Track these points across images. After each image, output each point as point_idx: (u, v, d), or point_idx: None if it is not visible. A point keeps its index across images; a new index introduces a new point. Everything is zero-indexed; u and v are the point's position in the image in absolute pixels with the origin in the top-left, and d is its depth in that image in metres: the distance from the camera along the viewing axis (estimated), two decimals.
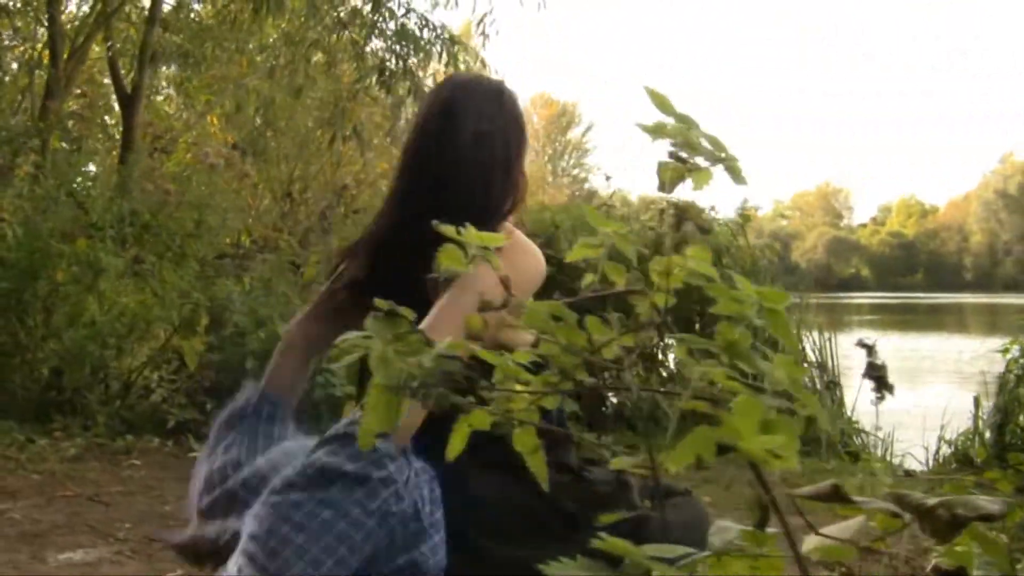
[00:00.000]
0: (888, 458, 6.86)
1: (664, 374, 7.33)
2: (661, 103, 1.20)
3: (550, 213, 7.79)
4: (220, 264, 7.40)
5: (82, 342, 6.20)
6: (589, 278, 1.47)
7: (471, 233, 1.40)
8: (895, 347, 17.35)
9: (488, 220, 2.52)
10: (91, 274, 6.37)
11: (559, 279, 6.85)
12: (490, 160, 2.61)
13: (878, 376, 1.25)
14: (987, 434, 6.60)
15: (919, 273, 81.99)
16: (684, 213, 1.31)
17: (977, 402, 6.66)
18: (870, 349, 1.27)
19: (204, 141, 12.51)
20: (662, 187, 1.26)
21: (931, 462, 6.63)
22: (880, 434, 7.00)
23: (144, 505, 4.59)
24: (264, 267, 7.28)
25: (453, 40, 10.70)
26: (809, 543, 1.20)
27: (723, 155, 1.21)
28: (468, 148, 2.60)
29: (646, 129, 1.20)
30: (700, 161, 1.22)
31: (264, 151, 12.29)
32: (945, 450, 6.61)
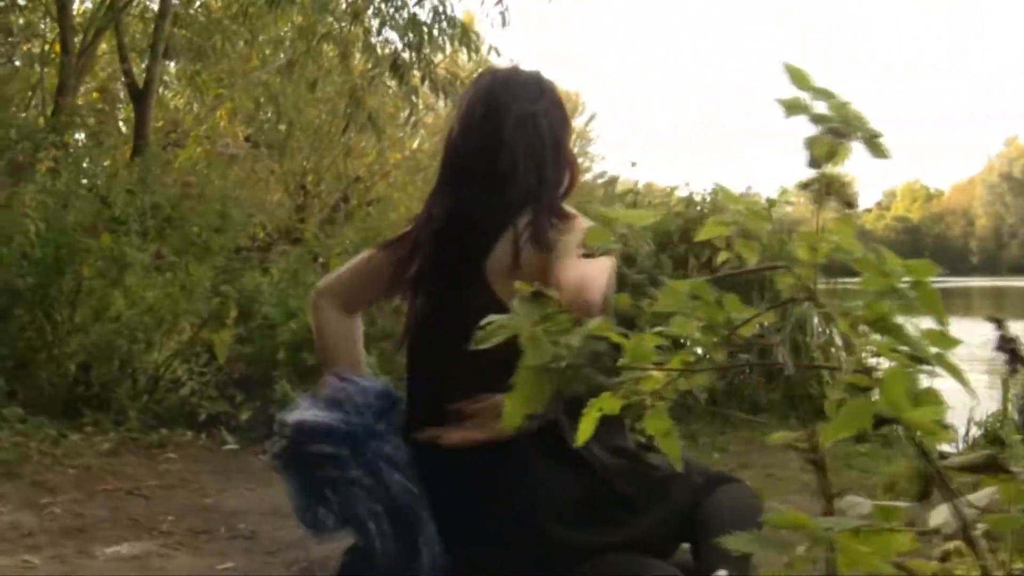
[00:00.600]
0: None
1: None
2: (799, 78, 1.18)
3: (577, 199, 7.78)
4: (247, 256, 7.40)
5: (109, 336, 6.19)
6: (724, 255, 1.46)
7: (621, 212, 1.40)
8: None
9: (547, 200, 2.60)
10: (116, 268, 6.35)
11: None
12: (539, 141, 2.64)
13: (1012, 349, 1.24)
14: (1016, 415, 6.62)
15: (924, 257, 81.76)
16: (830, 187, 1.28)
17: (1006, 384, 6.65)
18: (1000, 323, 1.26)
19: (216, 135, 12.52)
20: (813, 163, 1.25)
21: (961, 444, 6.63)
22: None
23: (184, 498, 4.58)
24: (290, 258, 7.26)
25: (465, 29, 10.66)
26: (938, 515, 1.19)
27: (868, 130, 1.19)
28: (516, 131, 2.63)
29: (785, 104, 1.18)
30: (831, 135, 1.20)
31: (277, 144, 12.26)
32: (974, 432, 6.59)
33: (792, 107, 1.18)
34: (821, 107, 1.19)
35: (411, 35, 10.20)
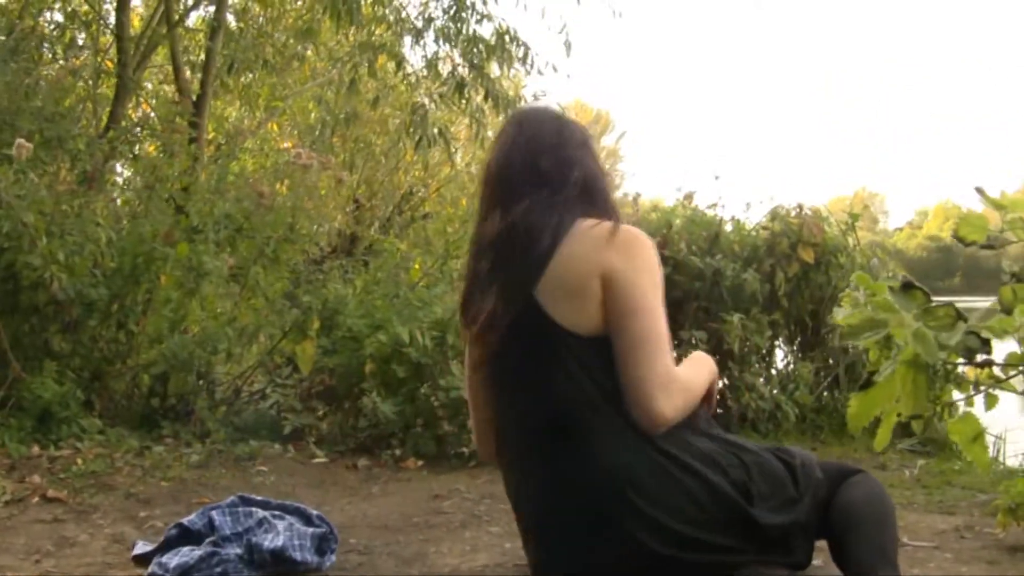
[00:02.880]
0: (1001, 459, 6.74)
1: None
2: None
3: (660, 213, 7.67)
4: (316, 268, 7.33)
5: (188, 347, 6.09)
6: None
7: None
8: None
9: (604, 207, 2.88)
10: (193, 278, 6.27)
11: (676, 279, 6.78)
12: (595, 162, 2.96)
13: None
14: None
15: (957, 276, 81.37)
16: None
17: None
18: None
19: (268, 148, 12.49)
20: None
21: None
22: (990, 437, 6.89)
23: None
24: (371, 269, 7.17)
25: (527, 49, 10.62)
26: None
27: None
28: (579, 151, 2.91)
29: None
30: None
31: (327, 158, 12.20)
32: None
33: None
34: None
35: (478, 50, 10.17)
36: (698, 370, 2.96)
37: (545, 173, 2.85)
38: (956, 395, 2.80)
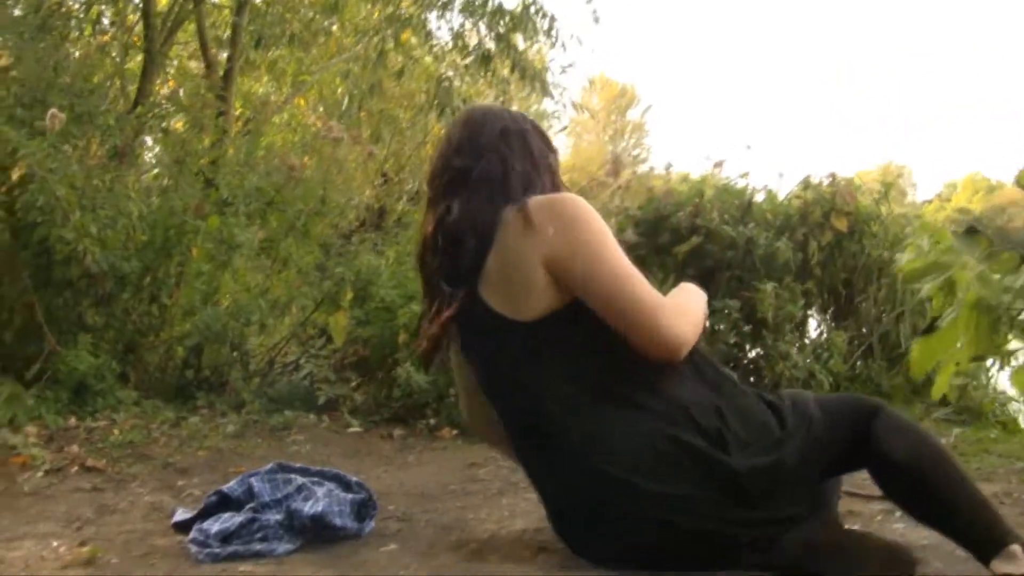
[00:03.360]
0: None
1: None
2: None
3: (692, 184, 7.64)
4: (366, 237, 7.35)
5: (222, 319, 6.12)
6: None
7: None
8: None
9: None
10: (225, 250, 6.29)
11: (708, 248, 6.76)
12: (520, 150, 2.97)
13: None
14: None
15: None
16: None
17: None
18: None
19: (296, 123, 12.48)
20: None
21: None
22: None
23: None
24: (404, 241, 7.18)
25: (552, 19, 10.57)
26: None
27: None
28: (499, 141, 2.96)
29: None
30: None
31: (358, 131, 12.19)
32: None
33: None
34: None
35: (504, 22, 10.14)
36: (687, 296, 3.03)
37: (461, 171, 2.93)
38: (1015, 344, 2.78)
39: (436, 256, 2.98)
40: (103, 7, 10.23)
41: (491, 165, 2.91)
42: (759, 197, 7.34)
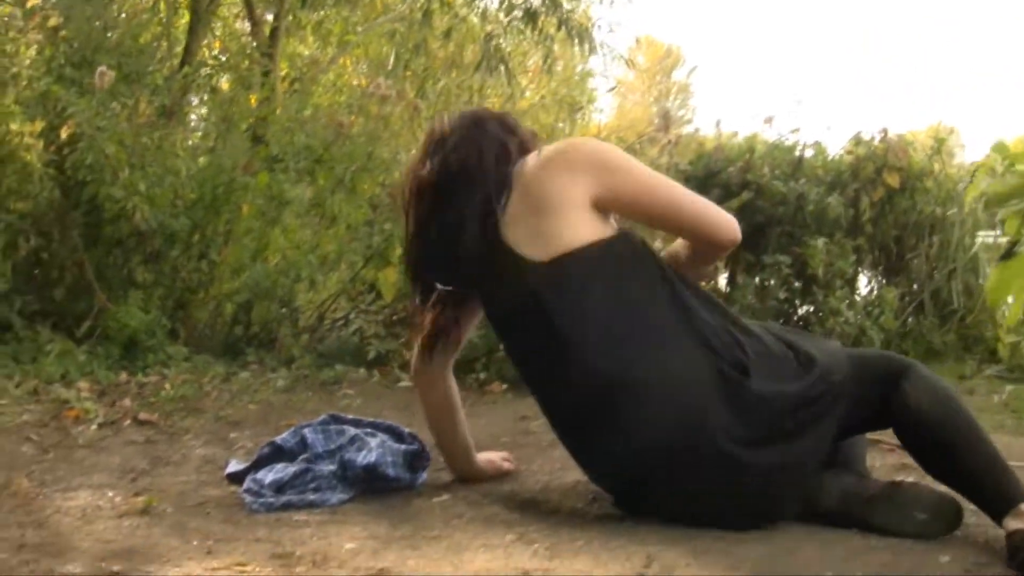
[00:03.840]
0: None
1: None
2: None
3: (743, 140, 7.57)
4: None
5: (271, 276, 6.14)
6: None
7: None
8: None
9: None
10: (275, 207, 6.30)
11: (758, 204, 6.70)
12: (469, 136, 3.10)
13: None
14: None
15: None
16: None
17: None
18: None
19: (342, 83, 12.47)
20: None
21: None
22: None
23: None
24: None
25: None
26: None
27: None
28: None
29: None
30: None
31: (404, 89, 12.18)
32: None
33: None
34: None
35: None
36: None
37: (456, 174, 3.05)
38: None
39: (429, 246, 3.18)
40: None
41: (461, 150, 3.06)
42: (809, 153, 7.26)
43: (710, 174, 6.88)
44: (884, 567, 2.54)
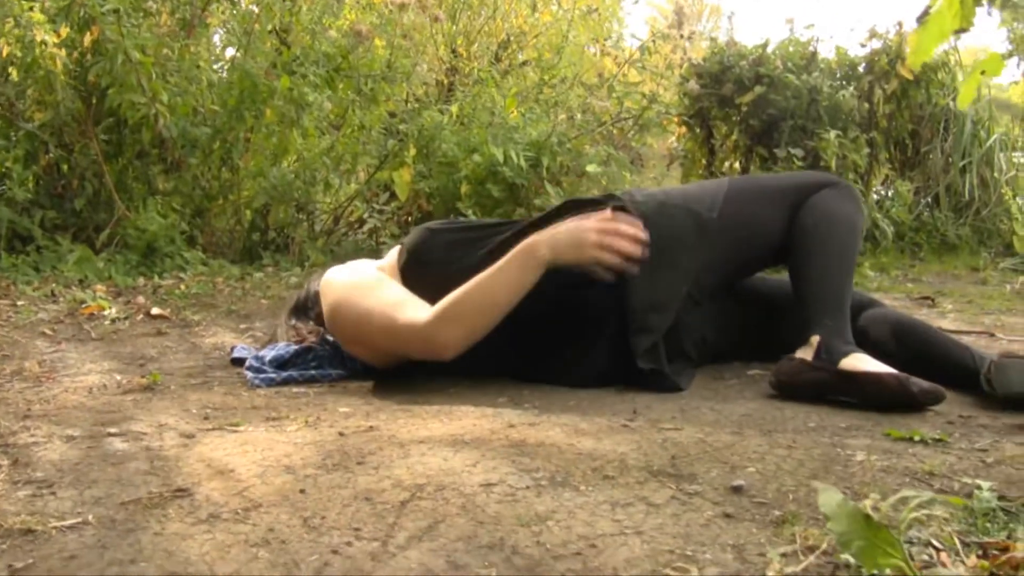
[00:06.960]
0: None
1: None
2: None
3: (760, 42, 7.53)
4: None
5: (288, 178, 6.18)
6: None
7: None
8: None
9: None
10: (295, 110, 6.31)
11: (771, 97, 6.68)
12: None
13: None
14: None
15: None
16: None
17: None
18: None
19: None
20: None
21: None
22: None
23: None
24: (471, 98, 7.18)
25: None
26: None
27: None
28: None
29: None
30: None
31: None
32: None
33: None
34: None
35: None
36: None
37: None
38: None
39: None
40: None
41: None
42: (823, 48, 7.24)
43: (723, 69, 6.86)
44: (866, 419, 2.59)
